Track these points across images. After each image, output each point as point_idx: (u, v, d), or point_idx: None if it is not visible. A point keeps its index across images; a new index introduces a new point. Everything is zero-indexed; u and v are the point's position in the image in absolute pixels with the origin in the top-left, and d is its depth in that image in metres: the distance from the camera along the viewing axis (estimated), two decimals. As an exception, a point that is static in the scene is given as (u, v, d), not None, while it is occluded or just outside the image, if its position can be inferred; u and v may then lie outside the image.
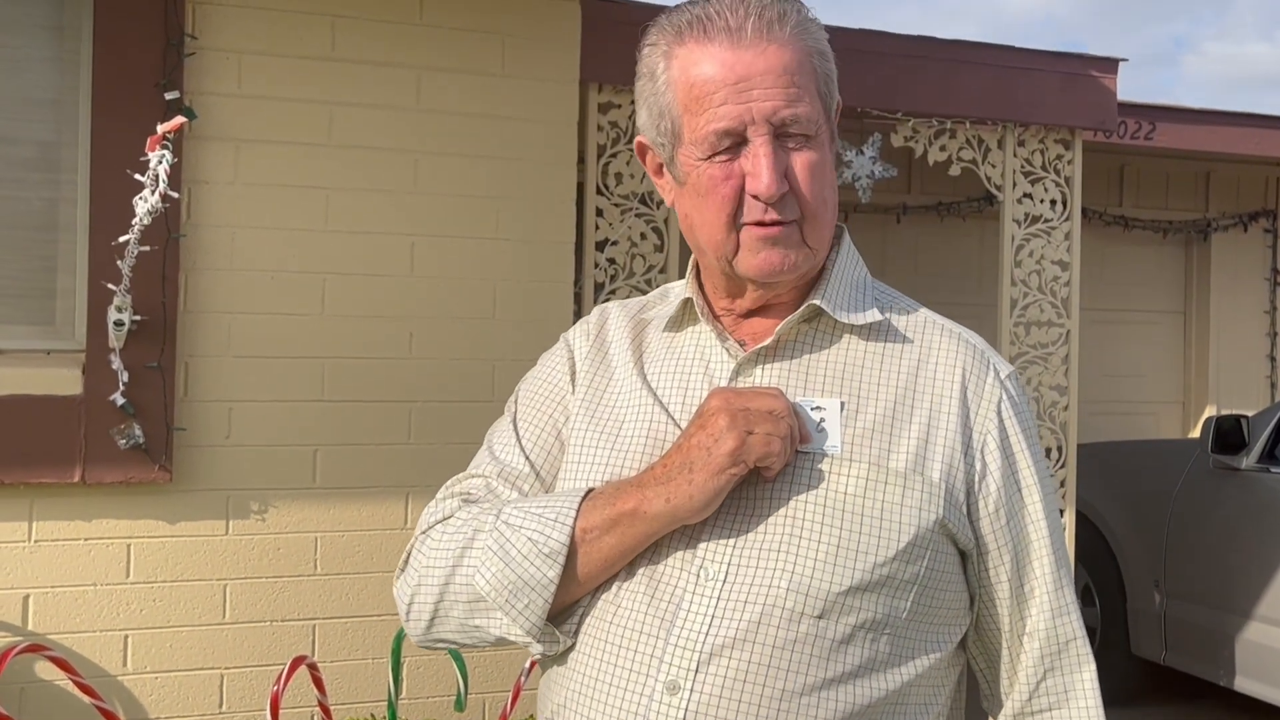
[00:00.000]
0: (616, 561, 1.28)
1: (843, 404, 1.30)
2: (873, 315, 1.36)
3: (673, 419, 1.34)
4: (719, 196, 1.28)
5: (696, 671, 1.22)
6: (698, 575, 1.25)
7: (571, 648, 1.32)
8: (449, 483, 1.48)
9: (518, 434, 1.45)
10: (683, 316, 1.41)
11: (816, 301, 1.33)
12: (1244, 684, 5.01)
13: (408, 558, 1.41)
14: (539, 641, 1.31)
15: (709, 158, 1.28)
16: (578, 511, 1.28)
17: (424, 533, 1.41)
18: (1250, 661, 4.97)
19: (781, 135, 1.27)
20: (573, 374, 1.45)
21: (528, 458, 1.43)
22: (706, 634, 1.23)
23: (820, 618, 1.22)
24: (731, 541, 1.26)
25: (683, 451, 1.25)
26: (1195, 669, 5.30)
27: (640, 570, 1.28)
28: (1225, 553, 5.16)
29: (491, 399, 3.92)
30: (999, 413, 1.33)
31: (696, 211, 1.32)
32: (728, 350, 1.36)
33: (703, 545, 1.26)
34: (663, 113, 1.32)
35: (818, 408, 1.30)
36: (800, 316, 1.34)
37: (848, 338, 1.35)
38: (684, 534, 1.27)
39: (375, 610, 3.83)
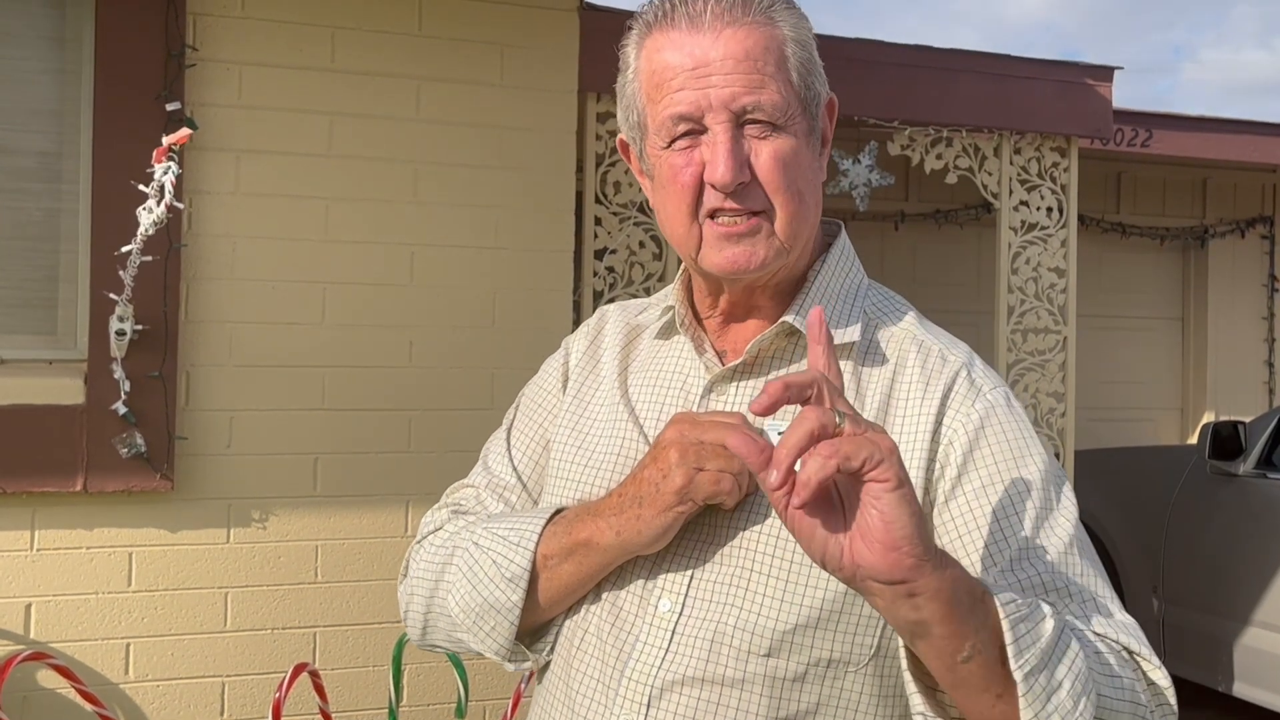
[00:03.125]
0: (577, 588, 1.27)
1: None
2: (852, 334, 1.28)
3: (645, 436, 1.31)
4: (678, 185, 1.23)
5: (648, 707, 1.20)
6: (655, 607, 1.23)
7: (549, 665, 1.32)
8: (449, 489, 1.49)
9: (509, 445, 1.45)
10: (671, 324, 1.37)
11: (789, 319, 1.27)
12: (1242, 689, 5.02)
13: (408, 564, 1.43)
14: (509, 661, 1.32)
15: (669, 145, 1.24)
16: (540, 535, 1.27)
17: (419, 542, 1.43)
18: (1249, 667, 4.98)
19: (746, 124, 1.21)
20: (565, 379, 1.44)
21: (515, 469, 1.42)
22: (658, 669, 1.21)
23: (769, 656, 1.18)
24: (688, 574, 1.23)
25: (635, 483, 1.22)
26: (1194, 675, 5.30)
27: (605, 595, 1.27)
28: (1223, 558, 5.18)
29: (491, 407, 3.93)
30: (968, 421, 1.23)
31: (661, 204, 1.28)
32: (705, 364, 1.31)
33: (661, 577, 1.24)
34: (630, 104, 1.29)
35: (783, 432, 1.25)
36: (775, 332, 1.28)
37: None
38: (645, 562, 1.25)
39: (376, 617, 3.84)
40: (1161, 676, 1.15)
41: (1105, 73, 5.45)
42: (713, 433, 1.19)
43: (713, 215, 1.24)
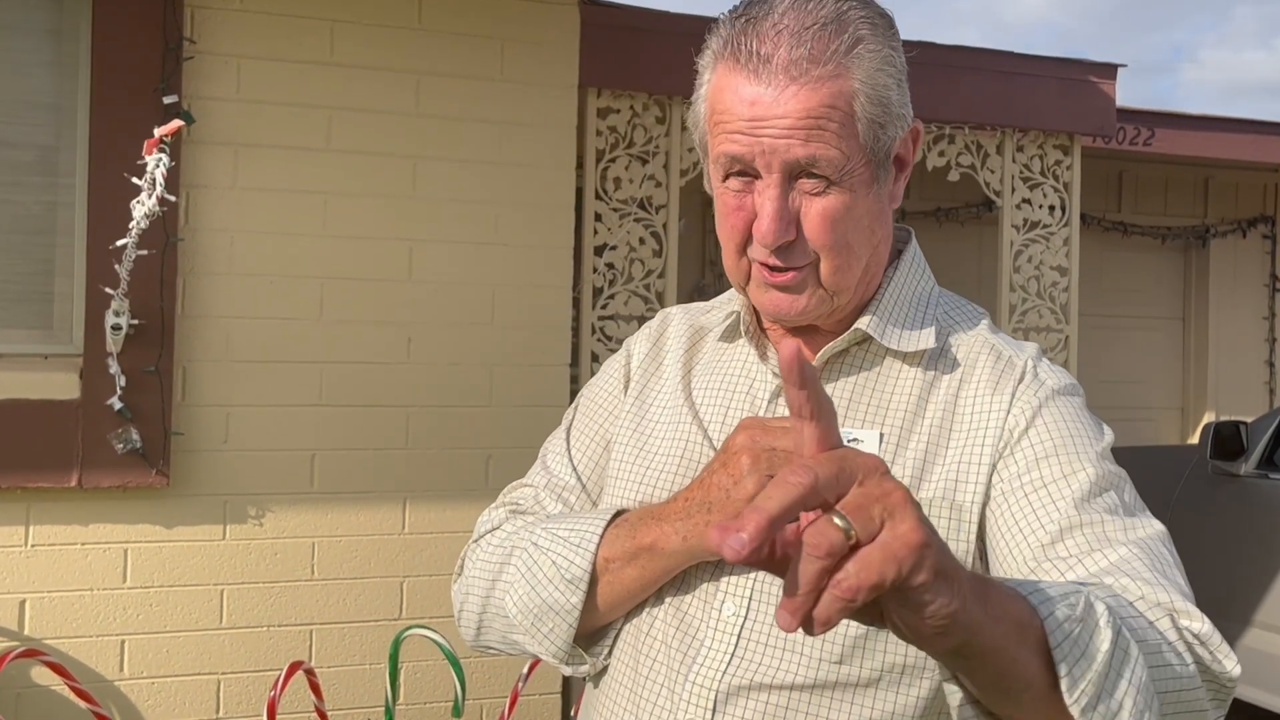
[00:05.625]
0: (639, 593, 1.25)
1: (882, 435, 1.23)
2: (925, 341, 1.26)
3: (709, 439, 1.29)
4: (729, 225, 1.23)
5: (714, 712, 1.19)
6: (719, 610, 1.21)
7: (607, 670, 1.31)
8: (507, 488, 1.47)
9: (569, 444, 1.43)
10: (735, 327, 1.36)
11: (863, 326, 1.26)
12: (1243, 691, 5.00)
13: (463, 563, 1.41)
14: (566, 664, 1.30)
15: (724, 180, 1.22)
16: (601, 537, 1.25)
17: (475, 541, 1.41)
18: (1249, 668, 4.97)
19: (799, 177, 1.18)
20: (627, 381, 1.42)
21: (575, 469, 1.40)
22: (724, 674, 1.19)
23: (840, 663, 1.17)
24: (751, 577, 1.21)
25: (703, 488, 1.20)
26: (1194, 675, 5.28)
27: (668, 599, 1.25)
28: (1224, 559, 5.16)
29: (489, 404, 3.91)
30: (1027, 406, 1.22)
31: (717, 229, 1.26)
32: (771, 370, 1.29)
33: (724, 580, 1.22)
34: (697, 122, 1.28)
35: (855, 440, 1.22)
36: (847, 340, 1.26)
37: (897, 364, 1.27)
38: (709, 565, 1.23)
39: (373, 615, 3.82)
40: (1211, 647, 1.09)
41: (1108, 70, 5.42)
42: (786, 439, 1.16)
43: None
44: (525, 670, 3.57)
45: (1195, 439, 7.70)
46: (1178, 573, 1.15)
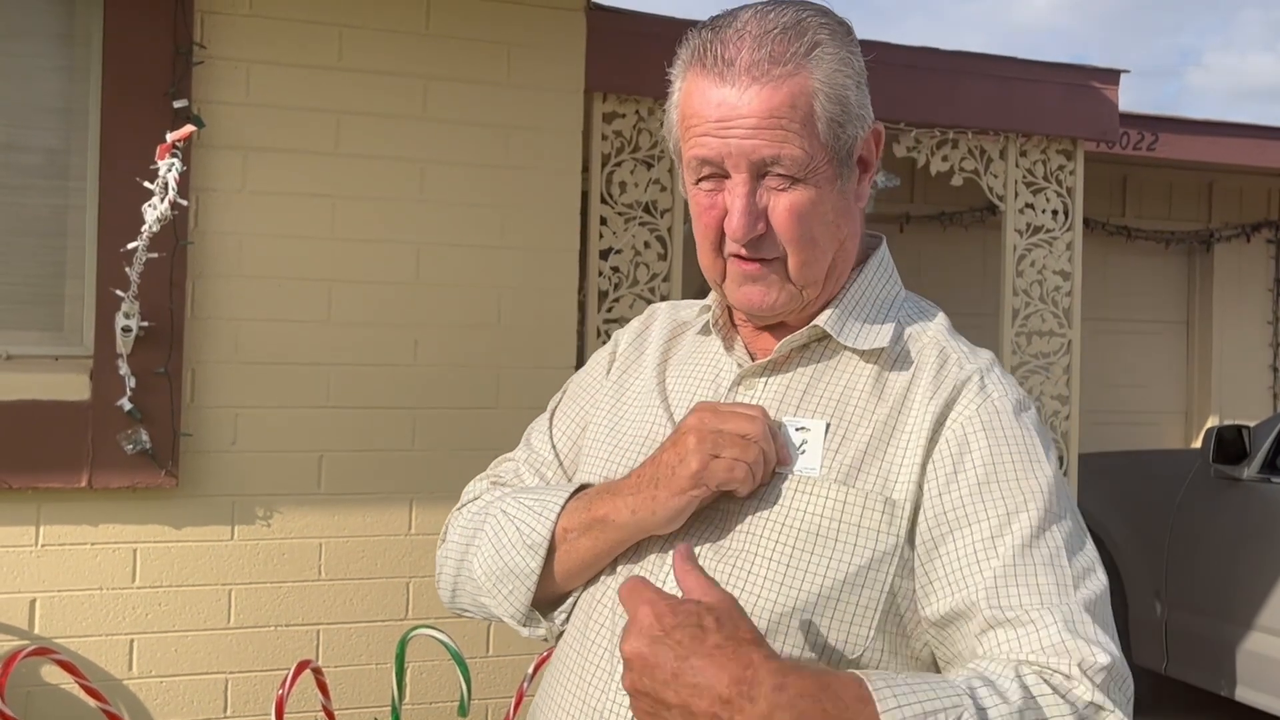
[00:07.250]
0: (592, 563, 1.33)
1: (828, 426, 1.28)
2: (881, 339, 1.32)
3: (673, 422, 1.37)
4: (702, 224, 1.30)
5: None
6: (663, 582, 1.26)
7: (564, 633, 1.38)
8: (494, 461, 1.58)
9: (551, 424, 1.54)
10: (710, 323, 1.43)
11: (820, 323, 1.32)
12: (1245, 694, 5.02)
13: (446, 529, 1.50)
14: (524, 626, 1.39)
15: (696, 182, 1.30)
16: (562, 508, 1.34)
17: (459, 509, 1.51)
18: (1251, 671, 4.98)
19: (766, 175, 1.25)
20: (610, 367, 1.52)
21: (554, 447, 1.50)
22: None
23: (765, 635, 1.18)
24: (698, 551, 1.26)
25: (654, 465, 1.28)
26: (1196, 679, 5.30)
27: (620, 569, 1.33)
28: (1226, 563, 5.17)
29: (496, 406, 3.94)
30: (968, 424, 1.25)
31: (694, 230, 1.34)
32: (736, 360, 1.37)
33: (671, 554, 1.27)
34: (670, 129, 1.36)
35: (802, 428, 1.28)
36: (805, 335, 1.33)
37: (852, 360, 1.33)
38: (661, 541, 1.30)
39: (380, 615, 3.85)
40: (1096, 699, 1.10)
41: (1111, 75, 5.45)
42: (732, 423, 1.25)
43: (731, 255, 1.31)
44: (530, 670, 3.59)
45: (1198, 443, 7.71)
46: (1098, 630, 1.16)
